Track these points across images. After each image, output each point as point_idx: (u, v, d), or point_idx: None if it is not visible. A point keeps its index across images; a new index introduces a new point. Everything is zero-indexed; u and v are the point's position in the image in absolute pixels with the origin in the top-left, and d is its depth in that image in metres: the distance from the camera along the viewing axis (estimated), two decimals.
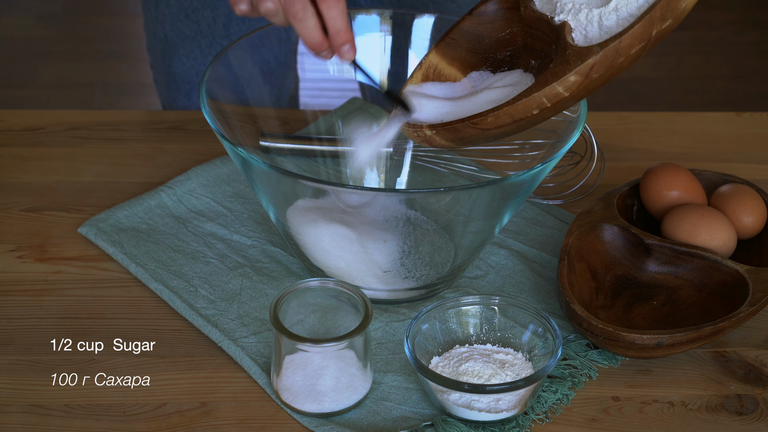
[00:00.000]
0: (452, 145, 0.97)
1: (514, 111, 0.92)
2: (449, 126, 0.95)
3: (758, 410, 0.98)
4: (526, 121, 0.93)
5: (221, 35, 1.41)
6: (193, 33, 1.41)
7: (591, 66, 0.89)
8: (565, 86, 0.90)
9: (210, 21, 1.40)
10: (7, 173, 1.24)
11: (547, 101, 0.91)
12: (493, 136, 0.95)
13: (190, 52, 1.43)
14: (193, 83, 1.45)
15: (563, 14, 0.94)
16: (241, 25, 1.40)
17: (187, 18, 1.40)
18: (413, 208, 1.05)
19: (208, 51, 1.42)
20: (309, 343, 0.93)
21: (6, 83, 2.76)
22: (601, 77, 0.90)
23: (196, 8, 1.39)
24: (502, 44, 1.03)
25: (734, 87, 2.82)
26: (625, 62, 0.90)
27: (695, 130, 1.34)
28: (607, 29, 0.91)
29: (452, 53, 1.03)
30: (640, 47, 0.89)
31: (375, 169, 1.20)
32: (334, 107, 1.29)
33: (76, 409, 0.97)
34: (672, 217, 1.09)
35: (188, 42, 1.42)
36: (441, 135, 0.96)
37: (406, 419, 0.96)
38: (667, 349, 0.99)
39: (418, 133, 0.97)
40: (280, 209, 1.02)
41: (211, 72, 1.06)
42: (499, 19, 1.03)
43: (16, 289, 1.09)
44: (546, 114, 0.93)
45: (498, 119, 0.92)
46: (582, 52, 0.90)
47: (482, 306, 1.00)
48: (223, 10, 1.39)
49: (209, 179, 1.21)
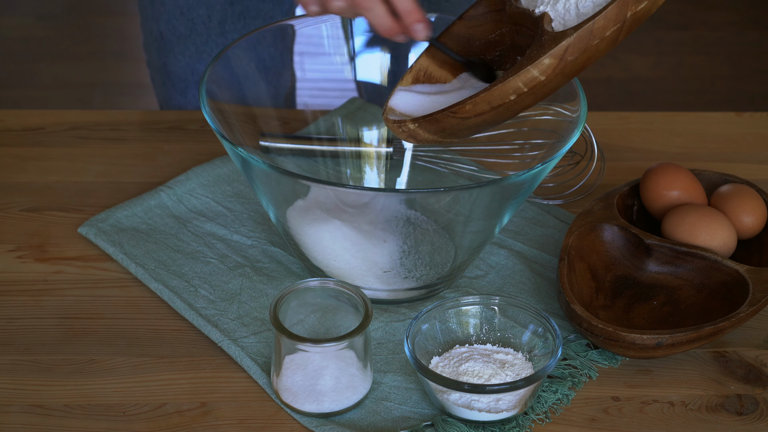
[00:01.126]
0: (436, 138, 0.97)
1: (491, 97, 0.92)
2: (430, 117, 0.95)
3: (758, 410, 0.98)
4: (504, 107, 0.93)
5: (216, 33, 1.41)
6: (189, 31, 1.41)
7: (565, 48, 0.90)
8: (540, 69, 0.90)
9: (205, 19, 1.40)
10: (7, 173, 1.24)
11: (524, 86, 0.91)
12: (474, 125, 0.95)
13: (185, 50, 1.43)
14: (189, 81, 1.45)
15: (543, 6, 0.95)
16: (236, 22, 1.41)
17: (182, 16, 1.40)
18: (413, 208, 1.05)
19: (203, 49, 1.42)
20: (309, 343, 0.93)
21: (6, 83, 2.76)
22: (577, 60, 0.90)
23: (191, 6, 1.39)
24: (491, 46, 1.04)
25: (734, 87, 2.82)
26: (601, 44, 0.90)
27: (695, 130, 1.34)
28: (584, 15, 0.92)
29: (442, 56, 1.04)
30: (616, 29, 0.90)
31: (375, 169, 1.20)
32: (334, 107, 1.29)
33: (76, 409, 0.97)
34: (672, 217, 1.09)
35: (183, 40, 1.42)
36: (423, 127, 0.96)
37: (406, 419, 0.96)
38: (667, 349, 0.99)
39: (402, 128, 0.98)
40: (280, 209, 1.02)
41: (210, 72, 1.06)
42: (489, 21, 1.03)
43: (16, 289, 1.09)
44: (525, 100, 0.93)
45: (476, 106, 0.93)
46: (557, 36, 0.91)
47: (482, 306, 1.00)
48: (218, 8, 1.40)
49: (209, 179, 1.21)
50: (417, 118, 0.97)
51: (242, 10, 1.41)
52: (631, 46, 2.95)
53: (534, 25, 0.96)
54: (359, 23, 1.17)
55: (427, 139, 0.97)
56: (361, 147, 1.21)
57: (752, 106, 2.70)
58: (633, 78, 2.84)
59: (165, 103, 1.49)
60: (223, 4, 1.40)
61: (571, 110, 1.05)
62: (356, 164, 1.20)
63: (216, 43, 1.42)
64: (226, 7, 1.40)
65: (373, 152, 1.21)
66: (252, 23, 1.42)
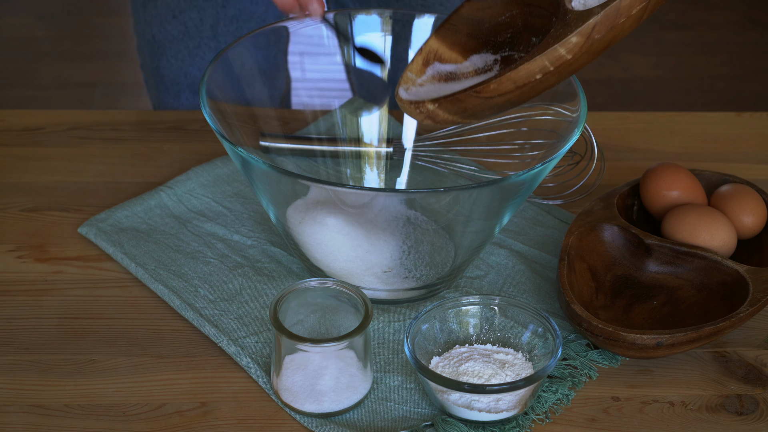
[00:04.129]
0: (455, 118, 0.96)
1: (517, 76, 0.91)
2: (452, 97, 0.94)
3: (758, 410, 0.98)
4: (529, 87, 0.92)
5: (208, 36, 1.41)
6: (181, 34, 1.41)
7: (593, 26, 0.89)
8: (567, 48, 0.90)
9: (197, 22, 1.40)
10: (7, 173, 1.24)
11: (550, 64, 0.91)
12: (497, 105, 0.94)
13: (177, 53, 1.43)
14: (182, 85, 1.45)
15: None
16: (228, 26, 1.41)
17: (174, 19, 1.40)
18: (413, 208, 1.05)
19: (195, 52, 1.42)
20: (309, 343, 0.93)
21: (6, 83, 2.76)
22: (603, 38, 0.90)
23: (183, 9, 1.39)
24: (502, 27, 1.03)
25: (734, 87, 2.82)
26: (626, 23, 0.90)
27: (695, 130, 1.34)
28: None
29: (452, 38, 1.03)
30: (641, 7, 0.89)
31: (375, 169, 1.20)
32: (334, 107, 1.28)
33: (76, 409, 0.97)
34: (672, 217, 1.09)
35: (176, 43, 1.42)
36: (444, 108, 0.95)
37: (406, 419, 0.96)
38: (667, 349, 0.99)
39: (420, 110, 0.97)
40: (280, 209, 1.02)
41: (208, 72, 1.06)
42: (498, 3, 1.03)
43: (16, 289, 1.09)
44: (550, 80, 0.92)
45: (500, 86, 0.92)
46: (583, 14, 0.90)
47: (482, 306, 1.00)
48: (210, 11, 1.40)
49: (209, 179, 1.21)
50: (437, 98, 0.96)
51: (234, 13, 1.41)
52: (631, 46, 2.95)
53: (550, 5, 0.95)
54: (359, 23, 1.17)
55: (446, 120, 0.96)
56: (361, 147, 1.21)
57: (752, 106, 2.70)
58: (633, 78, 2.84)
59: (158, 106, 1.49)
60: (215, 7, 1.39)
61: (571, 110, 1.05)
62: (356, 164, 1.20)
63: (209, 47, 1.42)
64: (218, 10, 1.40)
65: (373, 152, 1.21)
66: (245, 26, 1.42)
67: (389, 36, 1.18)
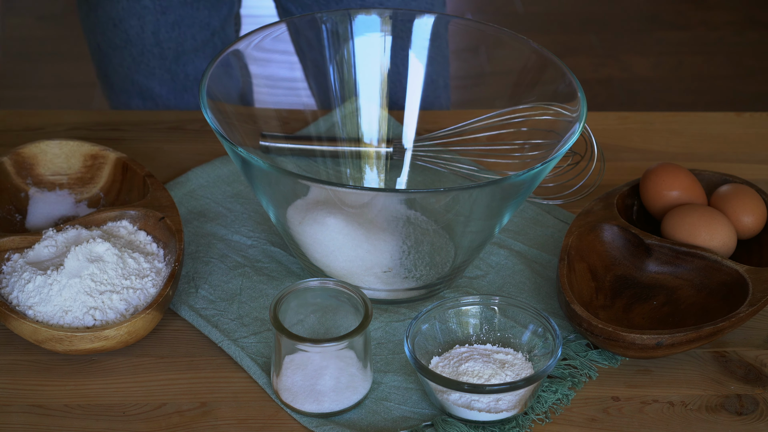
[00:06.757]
0: None
1: None
2: None
3: (758, 410, 0.98)
4: None
5: (151, 43, 1.41)
6: (123, 42, 1.41)
7: None
8: None
9: (138, 30, 1.40)
10: None
11: None
12: None
13: (122, 61, 1.43)
14: (130, 92, 1.45)
15: None
16: (170, 32, 1.40)
17: (115, 28, 1.40)
18: (413, 208, 1.05)
19: (139, 59, 1.42)
20: (309, 343, 0.93)
21: (6, 83, 2.76)
22: None
23: (123, 18, 1.39)
24: None
25: (734, 87, 2.82)
26: None
27: (695, 130, 1.34)
28: None
29: None
30: None
31: (375, 169, 1.20)
32: (333, 107, 1.28)
33: (76, 409, 0.97)
34: (672, 217, 1.09)
35: (120, 52, 1.42)
36: None
37: (406, 419, 0.96)
38: (667, 349, 0.99)
39: None
40: (280, 209, 1.02)
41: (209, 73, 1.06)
42: None
43: None
44: None
45: None
46: None
47: (482, 306, 1.00)
48: (150, 18, 1.39)
49: (209, 180, 1.21)
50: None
51: (176, 19, 1.40)
52: (631, 46, 2.95)
53: None
54: (359, 23, 1.17)
55: None
56: (361, 147, 1.21)
57: (752, 106, 2.70)
58: (633, 78, 2.84)
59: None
60: (154, 14, 1.39)
61: (571, 110, 1.05)
62: (356, 164, 1.20)
63: (151, 54, 1.42)
64: (158, 17, 1.39)
65: (373, 152, 1.21)
66: (188, 32, 1.41)
67: (389, 36, 1.18)
